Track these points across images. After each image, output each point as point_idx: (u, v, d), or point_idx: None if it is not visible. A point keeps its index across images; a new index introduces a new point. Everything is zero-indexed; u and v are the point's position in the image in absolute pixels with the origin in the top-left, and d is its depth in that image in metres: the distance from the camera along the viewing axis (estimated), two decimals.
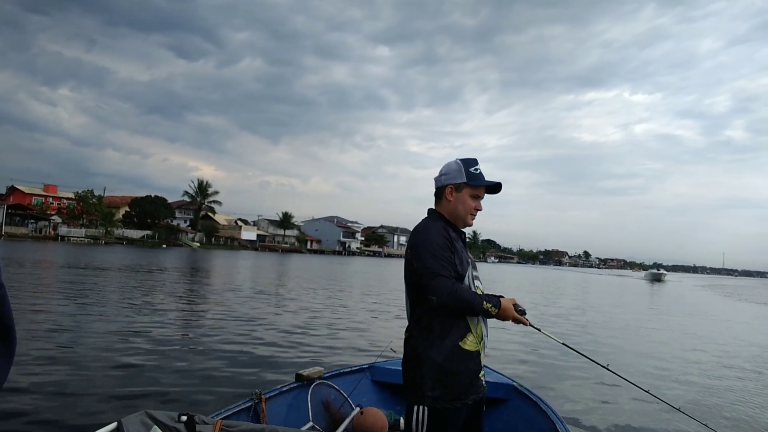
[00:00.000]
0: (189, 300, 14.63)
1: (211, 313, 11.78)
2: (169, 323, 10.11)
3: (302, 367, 4.02)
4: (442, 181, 2.35)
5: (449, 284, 2.11)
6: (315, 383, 3.78)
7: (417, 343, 2.20)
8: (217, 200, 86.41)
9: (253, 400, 3.23)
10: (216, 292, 16.96)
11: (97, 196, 69.43)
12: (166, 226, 77.50)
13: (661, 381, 7.65)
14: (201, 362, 7.10)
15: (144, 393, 5.51)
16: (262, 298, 15.77)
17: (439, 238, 2.20)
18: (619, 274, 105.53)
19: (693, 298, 34.47)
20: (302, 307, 13.91)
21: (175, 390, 5.70)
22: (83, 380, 5.85)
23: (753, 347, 12.49)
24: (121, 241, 66.67)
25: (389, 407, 4.02)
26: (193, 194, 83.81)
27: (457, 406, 2.15)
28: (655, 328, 15.12)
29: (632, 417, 5.81)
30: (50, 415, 4.68)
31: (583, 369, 7.79)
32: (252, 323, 10.60)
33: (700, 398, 6.99)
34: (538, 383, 6.67)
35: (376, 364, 4.35)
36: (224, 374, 6.53)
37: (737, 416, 6.23)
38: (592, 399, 6.58)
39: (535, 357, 9.02)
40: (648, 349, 10.86)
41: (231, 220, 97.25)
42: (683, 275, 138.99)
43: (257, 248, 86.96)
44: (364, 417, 3.58)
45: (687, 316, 19.84)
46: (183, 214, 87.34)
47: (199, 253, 53.82)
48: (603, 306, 22.27)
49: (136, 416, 2.36)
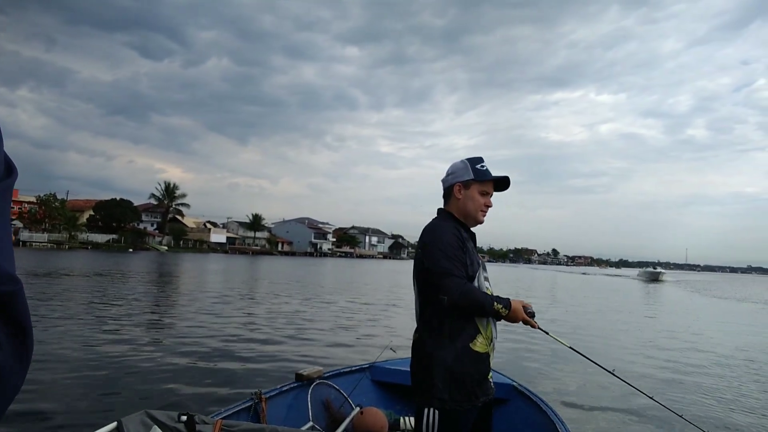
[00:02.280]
0: (178, 304, 14.48)
1: (205, 316, 11.77)
2: (168, 324, 10.12)
3: (302, 367, 4.00)
4: (450, 180, 2.34)
5: (461, 284, 2.09)
6: (315, 383, 3.76)
7: (427, 344, 2.18)
8: (185, 202, 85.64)
9: (253, 400, 3.20)
10: (202, 295, 16.76)
11: (60, 200, 67.79)
12: (132, 230, 76.01)
13: (667, 387, 7.42)
14: (201, 362, 7.09)
15: (144, 393, 5.53)
16: (253, 300, 15.72)
17: (451, 237, 2.18)
18: (613, 273, 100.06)
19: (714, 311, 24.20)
20: (292, 310, 13.85)
21: (175, 390, 5.72)
22: (83, 380, 5.88)
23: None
24: (85, 245, 64.88)
25: (389, 407, 4.01)
26: (159, 197, 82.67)
27: (467, 408, 2.14)
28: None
29: (633, 418, 5.84)
30: (50, 415, 4.72)
31: (583, 369, 7.84)
32: (248, 326, 10.64)
33: (709, 409, 6.52)
34: (539, 383, 6.70)
35: (376, 363, 4.34)
36: (224, 374, 6.55)
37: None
38: (593, 399, 6.61)
39: (536, 357, 9.07)
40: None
41: (200, 222, 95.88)
42: (676, 273, 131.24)
43: (227, 251, 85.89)
44: (364, 417, 3.56)
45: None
46: (150, 217, 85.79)
47: (167, 257, 52.76)
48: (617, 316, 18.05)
49: (136, 416, 2.34)
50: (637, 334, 13.16)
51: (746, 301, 31.00)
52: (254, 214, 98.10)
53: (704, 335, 13.55)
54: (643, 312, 20.48)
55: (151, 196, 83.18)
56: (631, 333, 13.30)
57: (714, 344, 11.93)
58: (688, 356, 10.00)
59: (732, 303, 28.95)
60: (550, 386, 7.01)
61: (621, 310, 20.73)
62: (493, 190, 2.36)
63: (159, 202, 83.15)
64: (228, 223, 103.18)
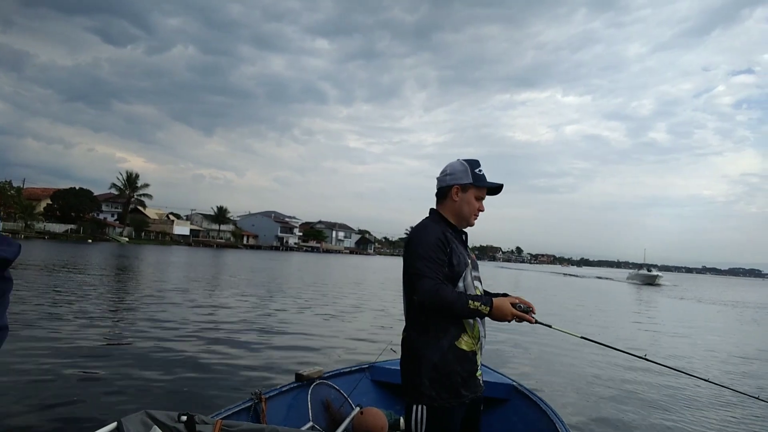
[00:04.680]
0: (168, 301, 13.95)
1: (201, 312, 11.75)
2: (166, 324, 9.94)
3: (302, 367, 3.98)
4: (447, 181, 2.35)
5: (432, 285, 2.10)
6: (315, 383, 3.77)
7: (414, 342, 2.22)
8: (148, 193, 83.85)
9: (253, 400, 3.20)
10: (197, 292, 16.47)
11: (15, 188, 65.64)
12: (91, 220, 73.97)
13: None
14: (201, 362, 7.12)
15: (144, 393, 5.56)
16: (244, 299, 15.43)
17: (432, 239, 2.20)
18: (605, 276, 77.95)
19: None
20: (287, 309, 13.67)
21: (175, 390, 5.76)
22: (83, 380, 5.91)
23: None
24: (42, 235, 62.65)
25: (389, 407, 4.00)
26: (121, 187, 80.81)
27: (454, 405, 2.17)
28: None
29: (633, 418, 5.85)
30: (50, 415, 4.72)
31: (583, 369, 7.85)
32: (248, 325, 10.59)
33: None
34: (539, 382, 6.69)
35: (376, 363, 4.34)
36: (224, 374, 6.58)
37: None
38: (593, 399, 6.61)
39: (536, 356, 9.08)
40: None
41: (162, 214, 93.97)
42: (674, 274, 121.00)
43: (190, 243, 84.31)
44: (364, 417, 3.55)
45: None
46: (110, 207, 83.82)
47: (129, 249, 51.33)
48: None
49: (135, 416, 2.34)
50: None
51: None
52: (219, 206, 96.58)
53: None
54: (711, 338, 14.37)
55: (111, 185, 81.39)
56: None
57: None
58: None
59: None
60: (550, 386, 7.00)
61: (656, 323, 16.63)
62: (486, 195, 2.41)
63: (120, 192, 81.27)
64: (192, 216, 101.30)
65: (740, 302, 32.97)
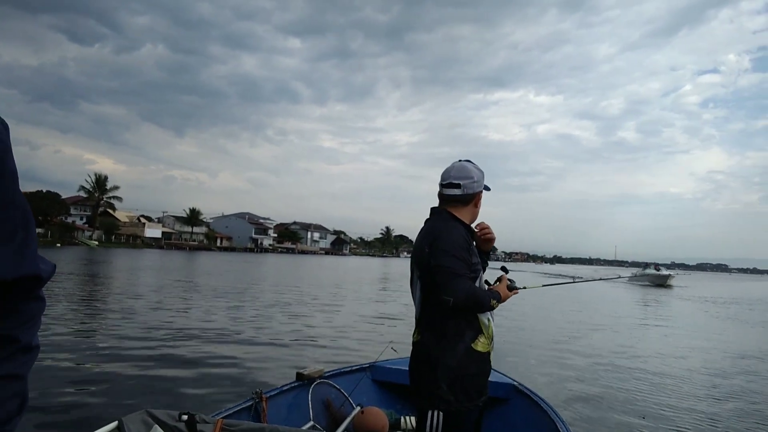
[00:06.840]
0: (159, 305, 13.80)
1: (199, 314, 11.79)
2: (165, 324, 10.04)
3: (302, 367, 3.92)
4: (475, 188, 2.31)
5: (469, 285, 2.11)
6: (315, 382, 3.73)
7: (429, 346, 2.17)
8: (117, 196, 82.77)
9: (254, 400, 3.16)
10: (194, 293, 16.47)
11: None
12: (59, 224, 72.18)
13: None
14: (201, 362, 7.13)
15: (145, 392, 5.57)
16: (239, 299, 15.32)
17: (461, 239, 2.19)
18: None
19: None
20: (282, 309, 13.60)
21: (175, 389, 5.78)
22: (83, 380, 5.95)
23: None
24: None
25: (390, 406, 3.97)
26: (90, 189, 79.43)
27: (471, 408, 2.14)
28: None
29: (633, 417, 5.84)
30: (51, 415, 4.74)
31: (583, 368, 7.86)
32: (247, 325, 10.65)
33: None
34: (539, 382, 6.66)
35: (377, 363, 4.29)
36: (225, 374, 6.60)
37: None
38: (593, 399, 6.60)
39: (536, 356, 9.08)
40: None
41: (133, 216, 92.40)
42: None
43: (162, 246, 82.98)
44: (365, 416, 3.54)
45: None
46: (79, 210, 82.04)
47: (99, 253, 50.14)
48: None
49: (136, 415, 2.33)
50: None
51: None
52: (191, 208, 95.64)
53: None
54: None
55: (80, 188, 79.87)
56: None
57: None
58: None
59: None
60: (550, 385, 6.97)
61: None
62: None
63: (89, 194, 79.80)
64: (164, 218, 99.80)
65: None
